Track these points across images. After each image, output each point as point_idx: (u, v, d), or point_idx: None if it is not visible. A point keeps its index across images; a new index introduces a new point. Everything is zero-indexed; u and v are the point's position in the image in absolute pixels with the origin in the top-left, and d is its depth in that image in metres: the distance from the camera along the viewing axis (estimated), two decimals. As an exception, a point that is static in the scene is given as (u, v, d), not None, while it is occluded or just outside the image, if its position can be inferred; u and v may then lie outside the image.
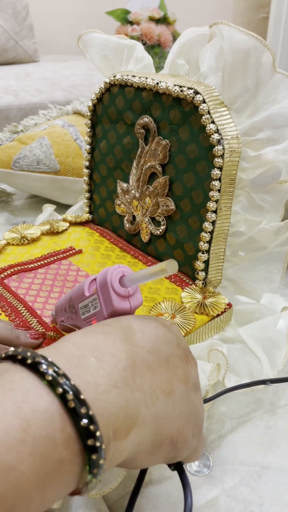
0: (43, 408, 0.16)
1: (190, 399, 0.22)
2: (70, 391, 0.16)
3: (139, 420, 0.19)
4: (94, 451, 0.16)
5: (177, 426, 0.21)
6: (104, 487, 0.27)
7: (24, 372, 0.17)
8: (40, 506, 0.16)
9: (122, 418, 0.18)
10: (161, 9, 1.72)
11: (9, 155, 0.63)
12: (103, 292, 0.25)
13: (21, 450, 0.15)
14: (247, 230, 0.38)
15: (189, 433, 0.22)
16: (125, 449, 0.18)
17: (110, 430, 0.17)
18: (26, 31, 1.60)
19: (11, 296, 0.39)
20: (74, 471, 0.16)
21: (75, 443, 0.16)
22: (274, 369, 0.34)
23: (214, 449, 0.31)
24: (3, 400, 0.15)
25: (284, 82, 0.33)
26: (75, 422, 0.16)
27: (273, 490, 0.28)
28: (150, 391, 0.20)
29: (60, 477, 0.16)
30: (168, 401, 0.20)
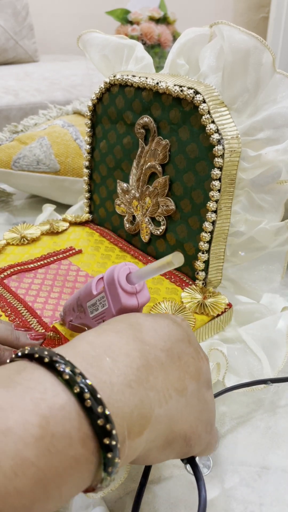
0: (60, 406, 0.16)
1: (202, 396, 0.22)
2: (87, 390, 0.16)
3: (153, 419, 0.19)
4: (109, 449, 0.16)
5: (189, 423, 0.21)
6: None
7: (41, 370, 0.17)
8: (57, 502, 0.16)
9: (136, 417, 0.18)
10: (161, 9, 1.72)
11: (9, 155, 0.63)
12: (111, 290, 0.25)
13: (39, 446, 0.15)
14: (247, 230, 0.38)
15: (202, 429, 0.22)
16: (139, 447, 0.19)
17: (125, 429, 0.17)
18: (26, 31, 1.60)
19: (11, 296, 0.39)
20: (90, 469, 0.17)
21: (91, 441, 0.16)
22: (274, 369, 0.34)
23: (214, 449, 0.31)
24: (22, 398, 0.16)
25: (284, 82, 0.33)
26: (91, 420, 0.16)
27: (273, 490, 0.28)
28: (163, 390, 0.20)
29: (76, 474, 0.16)
30: (180, 399, 0.21)
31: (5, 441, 0.15)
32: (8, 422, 0.15)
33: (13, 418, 0.15)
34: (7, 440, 0.15)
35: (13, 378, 0.17)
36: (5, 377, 0.17)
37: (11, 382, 0.16)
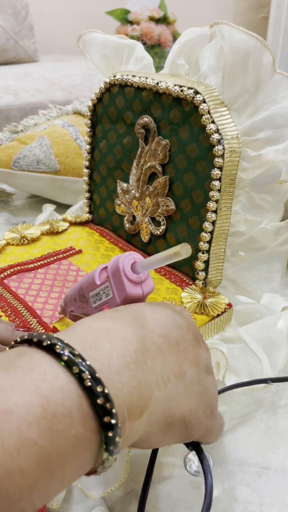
0: (60, 386, 0.16)
1: (201, 381, 0.23)
2: (86, 371, 0.17)
3: (152, 401, 0.19)
4: (110, 428, 0.17)
5: (188, 406, 0.22)
6: (105, 488, 0.27)
7: (41, 354, 0.17)
8: (60, 482, 0.16)
9: (136, 399, 0.18)
10: (161, 9, 1.72)
11: (9, 155, 0.63)
12: (115, 279, 0.25)
13: (41, 426, 0.15)
14: (247, 230, 0.38)
15: (201, 413, 0.23)
16: (139, 429, 0.19)
17: (124, 410, 0.18)
18: (26, 31, 1.60)
19: (11, 297, 0.39)
20: (92, 449, 0.17)
21: (91, 421, 0.17)
22: (274, 369, 0.34)
23: (214, 449, 0.31)
24: (23, 379, 0.16)
25: (283, 82, 0.33)
26: (91, 400, 0.17)
27: (273, 490, 0.28)
28: (161, 373, 0.20)
29: (78, 453, 0.16)
30: (179, 383, 0.21)
31: (7, 421, 0.15)
32: (10, 402, 0.15)
33: (14, 399, 0.15)
34: (9, 420, 0.15)
35: (13, 362, 0.17)
36: (6, 361, 0.17)
37: (11, 365, 0.17)
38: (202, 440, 0.24)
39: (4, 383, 0.16)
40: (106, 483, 0.27)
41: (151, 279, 0.26)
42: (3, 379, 0.16)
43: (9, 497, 0.15)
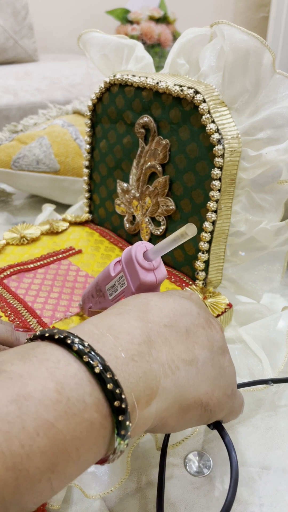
0: (73, 373, 0.18)
1: (217, 362, 0.23)
2: (96, 359, 0.18)
3: (160, 389, 0.20)
4: (120, 412, 0.18)
5: (204, 389, 0.22)
6: (105, 489, 0.27)
7: (53, 346, 0.19)
8: (76, 466, 0.17)
9: (142, 388, 0.19)
10: (161, 9, 1.72)
11: (8, 154, 0.63)
12: (129, 268, 0.26)
13: (57, 409, 0.16)
14: (247, 230, 0.38)
15: (221, 394, 0.23)
16: (149, 417, 0.20)
17: (133, 397, 0.19)
18: (25, 30, 1.60)
19: (10, 297, 0.39)
20: (104, 434, 0.18)
21: (103, 406, 0.18)
22: (274, 370, 0.34)
23: (215, 449, 0.31)
24: (38, 367, 0.17)
25: (283, 82, 0.33)
26: (101, 386, 0.18)
27: (273, 491, 0.28)
28: (168, 362, 0.21)
29: (92, 438, 0.17)
30: (190, 369, 0.22)
31: (26, 404, 0.16)
32: (28, 388, 0.16)
33: (32, 385, 0.16)
34: (28, 403, 0.16)
35: (29, 353, 0.18)
36: (22, 352, 0.18)
37: (27, 356, 0.18)
38: (225, 420, 0.25)
39: (22, 371, 0.17)
40: (106, 484, 0.27)
41: (163, 266, 0.26)
42: (20, 367, 0.17)
43: (30, 478, 0.15)
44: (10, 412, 0.15)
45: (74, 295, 0.40)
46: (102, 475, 0.28)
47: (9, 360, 0.18)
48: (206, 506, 0.27)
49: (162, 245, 0.25)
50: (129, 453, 0.28)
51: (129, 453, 0.28)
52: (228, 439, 0.25)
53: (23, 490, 0.15)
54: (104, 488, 0.27)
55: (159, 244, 0.25)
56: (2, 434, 0.15)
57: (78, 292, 0.40)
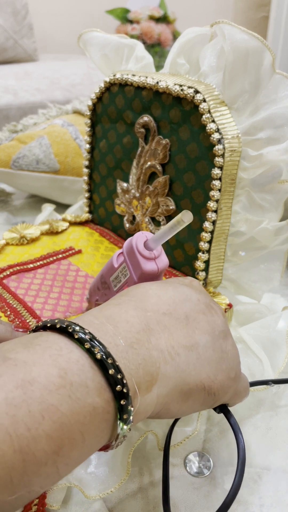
0: (75, 359, 0.18)
1: (218, 346, 0.23)
2: (97, 346, 0.19)
3: (160, 375, 0.21)
4: (122, 397, 0.18)
5: (206, 373, 0.22)
6: (105, 489, 0.27)
7: (55, 335, 0.19)
8: (81, 450, 0.18)
9: (142, 374, 0.20)
10: (161, 8, 1.72)
11: (8, 154, 0.63)
12: (131, 258, 0.27)
13: (61, 394, 0.17)
14: (247, 230, 0.38)
15: (224, 378, 0.23)
16: (151, 402, 0.20)
17: (133, 382, 0.19)
18: (25, 30, 1.60)
19: (10, 297, 0.39)
20: (107, 419, 0.18)
21: (105, 391, 0.18)
22: (275, 370, 0.34)
23: (215, 450, 0.31)
24: (42, 354, 0.18)
25: (283, 82, 0.33)
26: (103, 371, 0.18)
27: (273, 492, 0.28)
28: (168, 349, 0.21)
29: (96, 422, 0.18)
30: (191, 354, 0.22)
31: (31, 389, 0.16)
32: (32, 373, 0.17)
33: (36, 371, 0.17)
34: (33, 388, 0.16)
35: (32, 342, 0.19)
36: (25, 342, 0.19)
37: (30, 344, 0.18)
38: (229, 402, 0.25)
39: (26, 358, 0.17)
40: (106, 484, 0.27)
41: (164, 255, 0.27)
42: (24, 355, 0.18)
43: (36, 460, 0.16)
44: (16, 396, 0.16)
45: (74, 295, 0.40)
46: (102, 476, 0.28)
47: (13, 348, 0.18)
48: (206, 506, 0.27)
49: (161, 234, 0.25)
50: (129, 454, 0.28)
51: (129, 454, 0.28)
52: (234, 421, 0.25)
53: (30, 473, 0.16)
54: (104, 488, 0.27)
55: (158, 233, 0.25)
56: (8, 417, 0.15)
57: (77, 292, 0.40)
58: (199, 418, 0.31)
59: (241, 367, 0.30)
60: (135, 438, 0.28)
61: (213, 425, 0.32)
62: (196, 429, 0.31)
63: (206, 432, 0.32)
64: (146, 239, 0.26)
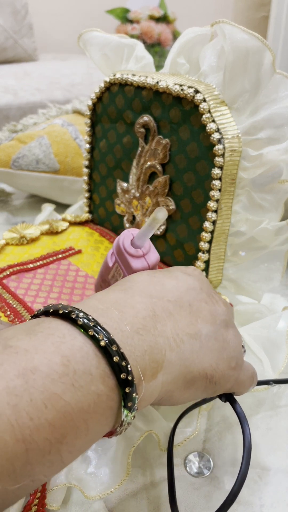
0: (79, 347, 0.18)
1: (219, 336, 0.23)
2: (101, 333, 0.18)
3: (166, 362, 0.21)
4: (127, 384, 0.18)
5: (208, 362, 0.22)
6: (105, 490, 0.27)
7: (58, 321, 0.19)
8: (85, 438, 0.17)
9: (148, 361, 0.20)
10: (161, 8, 1.72)
11: (8, 154, 0.63)
12: (121, 258, 0.27)
13: (64, 382, 0.17)
14: (248, 230, 0.38)
15: (225, 367, 0.23)
16: (155, 389, 0.20)
17: (138, 369, 0.19)
18: (25, 30, 1.60)
19: (10, 297, 0.38)
20: (111, 406, 0.18)
21: (109, 379, 0.18)
22: (275, 371, 0.34)
23: (215, 450, 0.31)
24: (44, 342, 0.17)
25: (284, 82, 0.33)
26: (107, 358, 0.18)
27: (274, 492, 0.28)
28: (173, 336, 0.21)
29: (100, 410, 0.18)
30: (194, 342, 0.22)
31: (33, 378, 0.16)
32: (34, 362, 0.16)
33: (38, 359, 0.17)
34: (35, 377, 0.16)
35: (34, 328, 0.18)
36: (27, 328, 0.18)
37: (32, 331, 0.18)
38: (233, 391, 0.25)
39: (27, 346, 0.17)
40: (106, 484, 0.27)
41: (154, 251, 0.27)
42: (26, 342, 0.17)
43: (39, 449, 0.16)
44: (18, 385, 0.16)
45: (74, 295, 0.40)
46: (102, 476, 0.28)
47: (15, 335, 0.18)
48: (206, 507, 0.27)
49: (142, 231, 0.25)
50: (129, 454, 0.28)
51: (129, 454, 0.28)
52: (239, 410, 0.25)
53: (34, 462, 0.16)
54: (104, 489, 0.27)
55: (140, 231, 0.26)
56: (10, 407, 0.15)
57: (77, 292, 0.40)
58: (199, 419, 0.31)
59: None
60: (135, 438, 0.28)
61: (213, 425, 0.32)
62: (196, 429, 0.31)
63: (206, 432, 0.32)
64: (132, 237, 0.26)
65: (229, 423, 0.33)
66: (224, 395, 0.26)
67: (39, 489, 0.26)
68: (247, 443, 0.23)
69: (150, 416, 0.30)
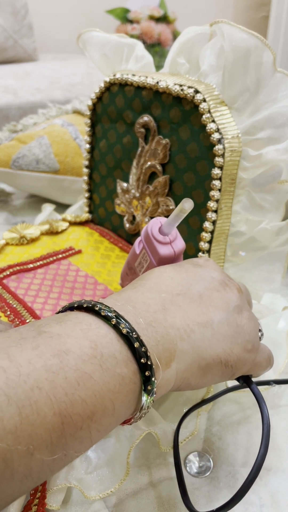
0: (103, 334, 0.20)
1: (233, 321, 0.24)
2: (122, 322, 0.20)
3: (178, 352, 0.22)
4: (147, 368, 0.20)
5: (222, 348, 0.23)
6: (104, 490, 0.27)
7: (83, 313, 0.21)
8: (112, 417, 0.19)
9: (162, 350, 0.21)
10: (161, 8, 1.72)
11: (8, 154, 0.63)
12: (149, 245, 0.28)
13: (93, 363, 0.18)
14: (248, 230, 0.38)
15: (240, 350, 0.24)
16: (170, 378, 0.22)
17: (155, 357, 0.21)
18: (25, 30, 1.60)
19: (10, 297, 0.38)
20: (134, 389, 0.20)
21: (131, 363, 0.20)
22: (275, 371, 0.34)
23: (215, 450, 0.31)
24: (74, 328, 0.19)
25: (284, 81, 0.33)
26: (129, 345, 0.20)
27: (274, 492, 0.28)
28: (183, 326, 0.23)
29: (124, 391, 0.19)
30: (205, 330, 0.23)
31: (67, 358, 0.18)
32: (67, 345, 0.18)
33: (69, 342, 0.19)
34: (69, 357, 0.18)
35: (62, 318, 0.20)
36: (56, 318, 0.20)
37: (62, 320, 0.20)
38: (251, 373, 0.26)
39: (60, 331, 0.19)
40: (106, 485, 0.27)
41: (180, 238, 0.28)
42: (58, 328, 0.19)
43: (73, 423, 0.17)
44: (54, 364, 0.18)
45: (74, 295, 0.40)
46: (102, 476, 0.28)
47: (47, 323, 0.20)
48: (206, 507, 0.27)
49: (169, 220, 0.27)
50: (128, 453, 0.28)
51: (128, 453, 0.28)
52: (257, 392, 0.25)
53: (68, 435, 0.17)
54: (104, 489, 0.27)
55: (168, 219, 0.27)
56: (48, 383, 0.17)
57: (77, 292, 0.40)
58: (198, 418, 0.31)
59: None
60: (134, 438, 0.28)
61: (213, 425, 0.32)
62: (196, 429, 0.31)
63: (206, 432, 0.32)
64: (160, 225, 0.27)
65: (229, 423, 0.33)
66: (242, 377, 0.26)
67: (39, 488, 0.26)
68: (266, 423, 0.24)
69: (151, 416, 0.30)
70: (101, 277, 0.43)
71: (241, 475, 0.29)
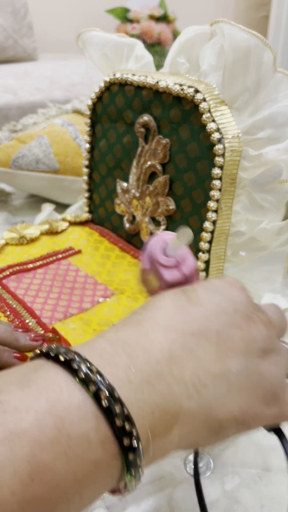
0: (76, 406, 0.15)
1: (254, 369, 0.20)
2: (104, 389, 0.16)
3: (182, 414, 0.18)
4: (131, 450, 0.16)
5: (237, 404, 0.19)
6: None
7: (57, 369, 0.16)
8: (79, 507, 0.15)
9: (159, 415, 0.17)
10: (161, 7, 1.72)
11: (8, 154, 0.63)
12: (152, 266, 0.23)
13: (56, 450, 0.14)
14: (248, 230, 0.38)
15: (258, 406, 0.20)
16: (169, 445, 0.18)
17: (147, 429, 0.16)
18: (25, 29, 1.60)
19: (10, 297, 0.38)
20: (112, 473, 0.16)
21: (111, 444, 0.16)
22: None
23: (215, 451, 0.31)
24: (37, 398, 0.15)
25: (284, 81, 0.33)
26: (109, 421, 0.15)
27: (274, 493, 0.28)
28: (193, 380, 0.18)
29: (97, 478, 0.15)
30: (220, 384, 0.19)
31: (20, 444, 0.14)
32: (23, 423, 0.14)
33: (28, 420, 0.15)
34: (22, 443, 0.14)
35: (29, 377, 0.16)
36: (21, 376, 0.16)
37: (26, 381, 0.16)
38: (278, 422, 0.22)
39: (18, 402, 0.15)
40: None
41: (190, 257, 0.23)
42: (17, 397, 0.15)
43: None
44: (1, 453, 0.14)
45: (74, 295, 0.40)
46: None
47: (7, 386, 0.16)
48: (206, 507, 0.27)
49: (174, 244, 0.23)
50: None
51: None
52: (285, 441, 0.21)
53: None
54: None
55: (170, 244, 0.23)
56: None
57: (77, 292, 0.40)
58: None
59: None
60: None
61: (213, 426, 0.32)
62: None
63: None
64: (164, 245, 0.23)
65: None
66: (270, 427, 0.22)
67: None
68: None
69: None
70: (101, 277, 0.43)
71: (240, 476, 0.29)
